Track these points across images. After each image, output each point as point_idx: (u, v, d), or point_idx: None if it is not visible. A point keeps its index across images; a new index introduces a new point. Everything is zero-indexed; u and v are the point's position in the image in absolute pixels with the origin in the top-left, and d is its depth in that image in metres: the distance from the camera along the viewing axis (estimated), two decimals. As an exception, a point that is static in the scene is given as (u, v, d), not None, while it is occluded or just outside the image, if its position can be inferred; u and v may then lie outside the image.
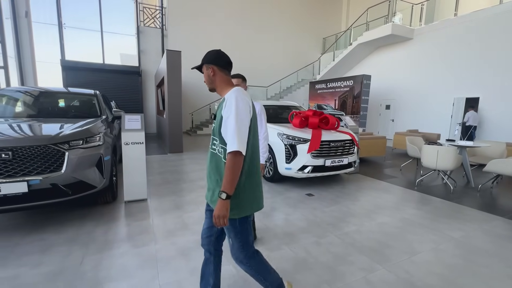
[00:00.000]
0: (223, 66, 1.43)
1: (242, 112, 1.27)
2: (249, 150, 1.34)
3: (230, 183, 1.24)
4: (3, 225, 2.75)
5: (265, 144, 2.43)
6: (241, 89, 1.36)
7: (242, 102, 1.29)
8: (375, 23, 11.88)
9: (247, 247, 1.44)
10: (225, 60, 1.44)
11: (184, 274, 2.05)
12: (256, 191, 1.43)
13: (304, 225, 2.95)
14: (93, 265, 2.13)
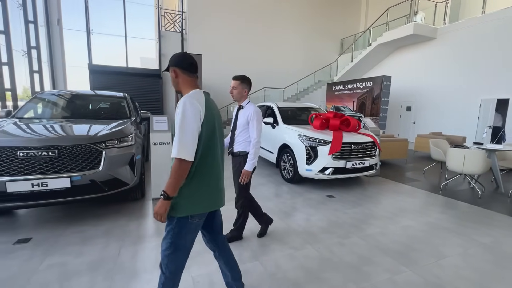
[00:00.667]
0: (186, 68, 1.42)
1: (188, 118, 1.28)
2: (198, 155, 1.34)
3: (171, 186, 1.28)
4: (47, 217, 2.99)
5: (253, 151, 2.32)
6: (196, 93, 1.38)
7: (190, 107, 1.30)
8: (395, 23, 11.61)
9: (172, 248, 1.40)
10: (188, 62, 1.43)
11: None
12: (203, 194, 1.40)
13: (326, 226, 2.98)
14: (129, 256, 2.28)
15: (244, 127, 2.41)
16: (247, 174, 2.35)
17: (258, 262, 2.25)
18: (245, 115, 2.40)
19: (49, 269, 2.08)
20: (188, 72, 1.43)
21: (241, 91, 2.42)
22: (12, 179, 2.43)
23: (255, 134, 2.33)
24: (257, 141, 2.34)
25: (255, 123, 2.33)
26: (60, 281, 1.95)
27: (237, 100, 2.47)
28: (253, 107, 2.40)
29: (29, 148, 2.49)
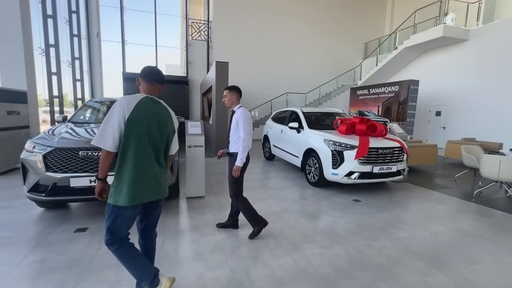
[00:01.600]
0: (144, 77, 1.72)
1: (111, 114, 1.53)
2: (120, 149, 1.55)
3: (100, 169, 1.58)
4: (97, 210, 3.36)
5: (241, 149, 2.58)
6: (133, 96, 1.64)
7: (117, 105, 1.56)
8: (422, 26, 11.28)
9: (109, 234, 1.59)
10: (145, 71, 1.73)
11: (249, 261, 2.33)
12: (127, 187, 1.53)
13: (353, 228, 3.05)
14: (173, 247, 2.53)
15: (236, 129, 2.69)
16: (237, 168, 2.62)
17: (290, 258, 2.40)
18: (236, 117, 2.69)
19: (106, 254, 2.37)
20: (145, 80, 1.72)
21: (230, 98, 2.75)
22: (74, 175, 2.80)
23: (242, 133, 2.59)
24: (244, 139, 2.59)
25: (242, 123, 2.60)
26: (117, 265, 2.23)
27: (229, 106, 2.80)
28: (241, 110, 2.68)
29: (88, 148, 2.86)
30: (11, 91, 5.44)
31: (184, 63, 14.87)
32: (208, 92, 10.14)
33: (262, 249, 2.53)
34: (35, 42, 6.84)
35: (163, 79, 1.81)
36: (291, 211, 3.53)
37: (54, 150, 2.81)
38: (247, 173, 5.73)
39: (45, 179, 2.77)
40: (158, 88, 1.79)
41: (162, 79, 1.81)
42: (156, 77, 1.76)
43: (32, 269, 2.14)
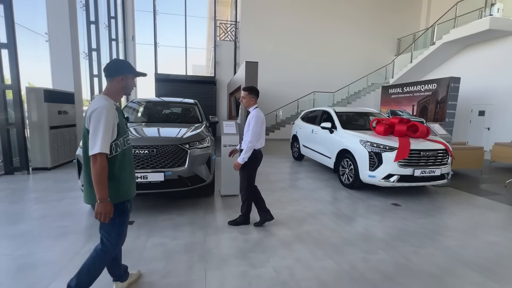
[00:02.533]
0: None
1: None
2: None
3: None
4: (141, 205, 3.55)
5: (245, 149, 2.76)
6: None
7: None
8: (462, 19, 10.47)
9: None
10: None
11: (291, 261, 2.33)
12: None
13: (396, 234, 2.93)
14: (214, 244, 2.61)
15: (247, 129, 2.83)
16: (237, 164, 2.81)
17: (332, 261, 2.36)
18: (248, 118, 2.85)
19: (154, 247, 2.51)
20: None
21: (248, 100, 2.89)
22: (123, 171, 2.98)
23: (250, 134, 2.74)
24: (250, 140, 2.73)
25: (252, 124, 2.74)
26: (165, 257, 2.35)
27: (246, 106, 2.94)
28: (254, 112, 2.82)
29: (136, 146, 3.03)
30: (61, 93, 5.94)
31: (209, 63, 15.13)
32: (236, 92, 10.27)
33: (303, 251, 2.51)
34: (80, 47, 7.39)
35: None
36: (327, 213, 3.47)
37: (106, 147, 3.02)
38: (277, 173, 5.76)
39: (97, 174, 2.98)
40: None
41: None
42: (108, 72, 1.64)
43: (91, 257, 2.32)
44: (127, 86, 1.65)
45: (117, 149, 1.56)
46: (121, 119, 1.61)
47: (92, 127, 1.44)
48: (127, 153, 1.68)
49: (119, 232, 1.65)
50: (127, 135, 1.70)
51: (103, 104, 1.48)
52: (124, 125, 1.65)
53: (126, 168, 1.65)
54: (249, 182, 2.93)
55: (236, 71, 13.48)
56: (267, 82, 12.58)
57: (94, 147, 1.42)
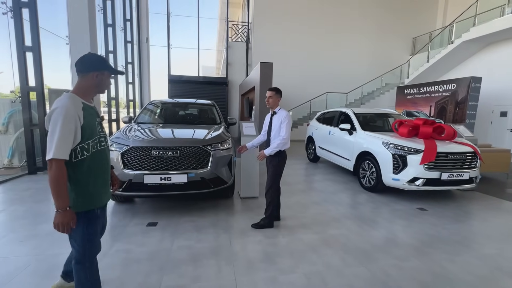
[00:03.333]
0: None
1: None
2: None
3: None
4: (162, 206, 3.55)
5: (277, 143, 2.82)
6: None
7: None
8: (481, 17, 10.11)
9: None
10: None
11: (321, 267, 2.26)
12: None
13: (426, 240, 2.81)
14: (240, 247, 2.56)
15: (277, 129, 2.86)
16: (262, 155, 2.89)
17: (364, 268, 2.27)
18: (279, 118, 2.86)
19: (180, 250, 2.49)
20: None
21: (275, 100, 2.92)
22: (147, 173, 2.99)
23: (284, 132, 2.79)
24: (284, 137, 2.79)
25: (286, 124, 2.81)
26: (192, 260, 2.32)
27: (272, 107, 2.96)
28: (285, 112, 2.88)
29: (160, 148, 3.03)
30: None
31: (220, 64, 15.09)
32: (249, 93, 10.26)
33: (333, 256, 2.44)
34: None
35: None
36: (351, 217, 3.38)
37: (131, 148, 3.03)
38: (294, 174, 5.68)
39: (122, 175, 2.99)
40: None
41: None
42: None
43: (119, 258, 2.32)
44: (102, 83, 1.51)
45: (83, 153, 1.42)
46: (89, 120, 1.45)
47: (50, 129, 1.32)
48: (100, 157, 1.52)
49: (90, 241, 1.50)
50: (100, 137, 1.54)
51: (63, 104, 1.33)
52: (95, 126, 1.49)
53: (97, 172, 1.51)
54: (277, 184, 2.94)
55: (248, 72, 13.47)
56: (279, 83, 12.44)
57: (49, 152, 1.29)
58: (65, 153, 1.33)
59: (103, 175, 1.56)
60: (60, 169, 1.32)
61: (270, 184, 2.94)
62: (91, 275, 1.56)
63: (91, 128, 1.45)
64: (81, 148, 1.41)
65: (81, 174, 1.43)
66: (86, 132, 1.42)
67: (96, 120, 1.53)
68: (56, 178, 1.31)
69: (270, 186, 2.94)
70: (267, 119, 3.07)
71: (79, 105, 1.41)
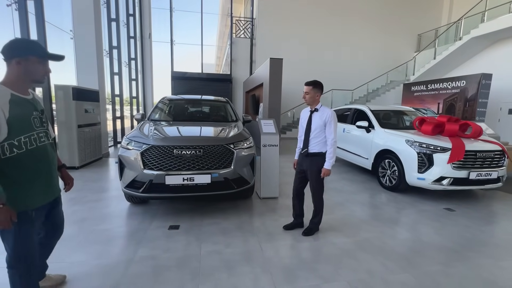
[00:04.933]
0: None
1: None
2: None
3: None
4: (181, 208, 3.39)
5: (332, 150, 2.55)
6: None
7: None
8: (490, 13, 9.98)
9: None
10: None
11: (364, 274, 2.12)
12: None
13: (465, 243, 2.68)
14: (273, 253, 2.41)
15: (320, 129, 2.56)
16: (327, 172, 2.56)
17: (409, 274, 2.14)
18: (322, 117, 2.56)
19: (210, 256, 2.33)
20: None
21: (313, 96, 2.59)
22: (169, 173, 2.82)
23: (333, 135, 2.51)
24: (335, 140, 2.52)
25: (333, 124, 2.51)
26: (225, 267, 2.17)
27: (310, 104, 2.64)
28: (329, 110, 2.57)
29: (182, 147, 2.87)
30: (88, 91, 5.85)
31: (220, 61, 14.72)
32: (255, 90, 10.07)
33: (372, 262, 2.30)
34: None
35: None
36: (380, 219, 3.24)
37: (151, 147, 2.86)
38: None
39: (142, 176, 2.82)
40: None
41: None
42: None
43: (147, 265, 2.17)
44: (29, 71, 1.35)
45: (13, 150, 1.29)
46: (19, 113, 1.32)
47: None
48: (38, 154, 1.40)
49: (22, 244, 1.39)
50: (40, 132, 1.42)
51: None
52: (29, 121, 1.37)
53: (34, 171, 1.39)
54: (323, 189, 2.73)
55: (253, 68, 13.25)
56: (284, 80, 12.30)
57: None
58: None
59: (42, 174, 1.44)
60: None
61: (318, 191, 2.69)
62: (27, 283, 1.45)
63: (23, 122, 1.33)
64: (9, 145, 1.29)
65: (11, 172, 1.31)
66: (15, 126, 1.29)
67: (33, 113, 1.39)
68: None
69: (318, 193, 2.70)
70: (304, 116, 2.72)
71: (5, 96, 1.29)
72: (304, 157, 2.69)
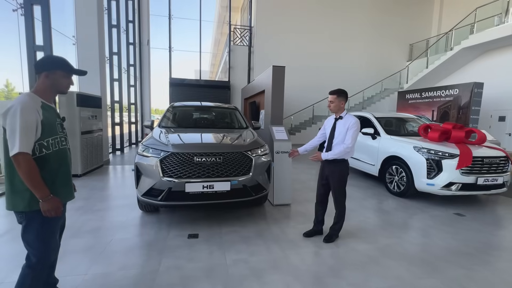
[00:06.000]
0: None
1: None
2: None
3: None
4: (195, 216, 3.34)
5: (340, 150, 2.58)
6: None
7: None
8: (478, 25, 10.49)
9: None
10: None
11: (394, 281, 2.13)
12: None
13: (482, 248, 2.74)
14: (299, 261, 2.40)
15: (343, 136, 2.59)
16: (319, 156, 2.65)
17: (436, 279, 2.16)
18: (346, 124, 2.59)
19: (236, 265, 2.30)
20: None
21: (338, 104, 2.65)
22: (189, 181, 2.79)
23: (350, 140, 2.54)
24: (349, 146, 2.54)
25: (353, 131, 2.55)
26: (254, 276, 2.14)
27: (335, 111, 2.69)
28: (354, 118, 2.61)
29: (202, 154, 2.85)
30: (92, 97, 5.76)
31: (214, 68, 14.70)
32: (255, 97, 10.13)
33: (398, 268, 2.32)
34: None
35: None
36: (395, 225, 3.28)
37: (170, 154, 2.83)
38: (315, 180, 5.55)
39: (160, 183, 2.78)
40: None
41: None
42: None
43: (175, 276, 2.11)
44: (56, 83, 1.52)
45: (42, 150, 1.42)
46: (49, 118, 1.47)
47: (9, 127, 1.33)
48: (60, 156, 1.53)
49: (45, 241, 1.47)
50: (62, 137, 1.56)
51: (20, 100, 1.36)
52: (55, 125, 1.51)
53: (57, 171, 1.50)
54: (345, 195, 2.75)
55: (251, 76, 13.37)
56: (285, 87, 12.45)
57: (13, 148, 1.31)
58: (29, 147, 1.34)
59: (63, 175, 1.55)
60: (29, 161, 1.34)
61: (340, 198, 2.72)
62: (36, 285, 1.49)
63: (51, 126, 1.47)
64: (40, 145, 1.41)
65: (41, 171, 1.41)
66: (46, 129, 1.43)
67: (57, 120, 1.56)
68: (28, 171, 1.33)
69: (340, 200, 2.72)
70: (329, 123, 2.78)
71: (37, 102, 1.44)
72: (326, 163, 2.71)
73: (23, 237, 1.44)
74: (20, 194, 1.39)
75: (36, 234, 1.43)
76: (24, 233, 1.44)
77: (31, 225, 1.43)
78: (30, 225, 1.43)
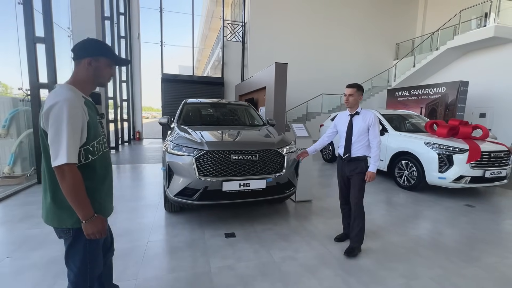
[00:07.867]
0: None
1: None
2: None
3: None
4: (225, 214, 3.30)
5: (378, 153, 2.46)
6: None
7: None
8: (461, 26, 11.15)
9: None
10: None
11: (438, 270, 2.24)
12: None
13: (504, 236, 2.94)
14: (343, 255, 2.44)
15: (363, 133, 2.46)
16: (373, 176, 2.43)
17: (477, 268, 2.30)
18: (365, 120, 2.46)
19: (286, 262, 2.30)
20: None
21: (356, 98, 2.49)
22: (226, 179, 2.74)
23: (378, 137, 2.46)
24: (380, 143, 2.48)
25: (377, 126, 2.46)
26: (309, 272, 2.16)
27: (352, 106, 2.51)
28: (371, 113, 2.50)
29: (238, 152, 2.80)
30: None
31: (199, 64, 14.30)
32: (253, 93, 10.09)
33: (438, 258, 2.43)
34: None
35: None
36: (418, 217, 3.43)
37: (206, 153, 2.76)
38: (324, 176, 5.68)
39: (196, 182, 2.71)
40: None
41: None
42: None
43: (230, 276, 2.08)
44: (100, 73, 1.25)
45: (88, 156, 1.19)
46: (93, 117, 1.22)
47: (52, 130, 1.07)
48: (104, 161, 1.30)
49: (92, 259, 1.27)
50: (103, 137, 1.33)
51: (65, 97, 1.09)
52: (97, 125, 1.25)
53: (102, 179, 1.28)
54: (363, 196, 2.54)
55: (244, 72, 13.27)
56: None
57: (57, 157, 1.06)
58: (76, 156, 1.10)
59: (109, 183, 1.35)
60: (76, 175, 1.10)
61: (358, 201, 2.48)
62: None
63: (95, 126, 1.22)
64: (85, 151, 1.18)
65: (87, 181, 1.17)
66: (91, 131, 1.18)
67: (97, 117, 1.28)
68: (73, 185, 1.08)
69: (359, 203, 2.49)
70: (342, 120, 2.59)
71: (80, 98, 1.17)
72: (346, 162, 2.55)
73: (67, 256, 1.25)
74: (67, 209, 1.16)
75: (83, 252, 1.23)
76: (69, 251, 1.24)
77: (79, 241, 1.22)
78: (78, 241, 1.22)
